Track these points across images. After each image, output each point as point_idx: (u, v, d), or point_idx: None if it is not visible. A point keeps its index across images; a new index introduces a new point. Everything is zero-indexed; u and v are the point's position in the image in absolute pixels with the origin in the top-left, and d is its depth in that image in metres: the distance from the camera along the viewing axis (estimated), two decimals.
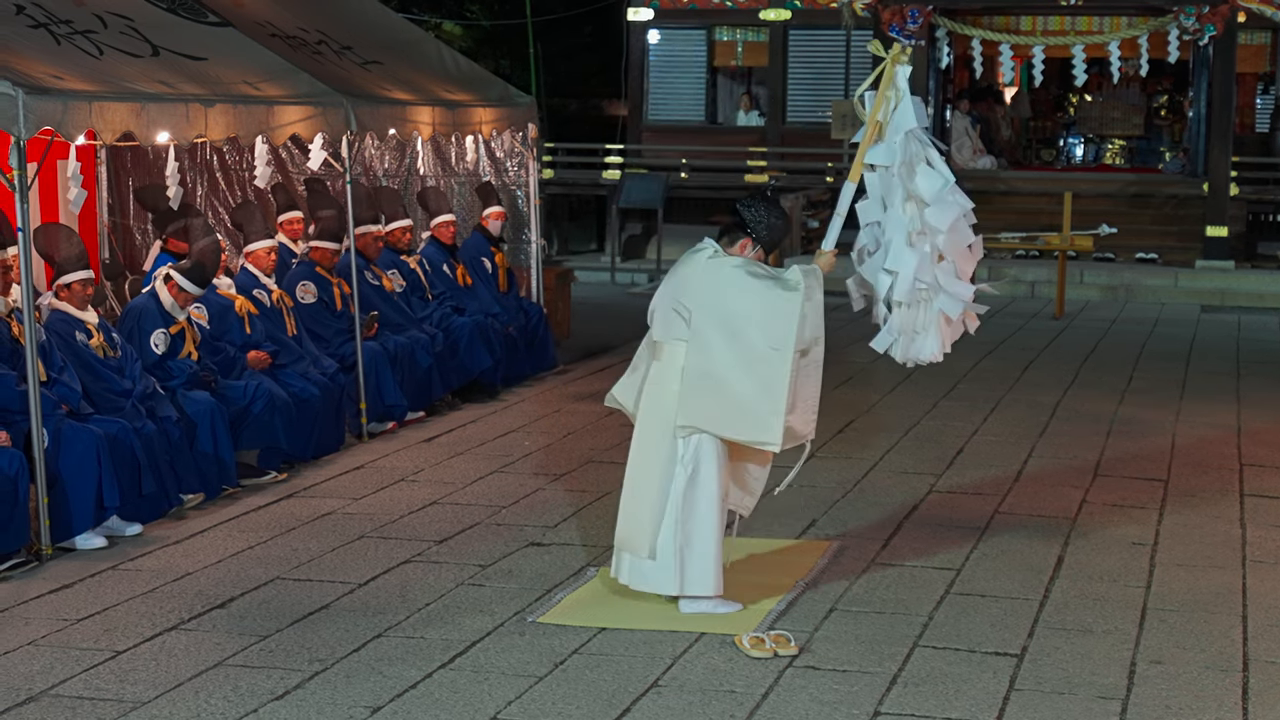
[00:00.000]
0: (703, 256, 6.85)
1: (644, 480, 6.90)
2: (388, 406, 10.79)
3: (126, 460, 8.10)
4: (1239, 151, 21.54)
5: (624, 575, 6.97)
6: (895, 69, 7.04)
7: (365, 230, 11.14)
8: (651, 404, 6.92)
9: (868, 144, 7.06)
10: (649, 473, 6.89)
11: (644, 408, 6.95)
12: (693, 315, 6.76)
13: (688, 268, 6.86)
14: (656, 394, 6.89)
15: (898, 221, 7.05)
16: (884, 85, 7.03)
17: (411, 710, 5.83)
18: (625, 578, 6.97)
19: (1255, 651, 6.54)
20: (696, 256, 6.88)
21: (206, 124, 8.97)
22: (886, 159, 7.05)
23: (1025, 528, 8.46)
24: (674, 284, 6.90)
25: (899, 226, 7.04)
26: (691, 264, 6.86)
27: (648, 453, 6.91)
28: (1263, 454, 10.35)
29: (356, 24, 12.04)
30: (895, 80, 7.05)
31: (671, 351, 6.86)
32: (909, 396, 12.31)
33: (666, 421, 6.83)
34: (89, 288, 8.58)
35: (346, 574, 7.53)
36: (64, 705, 5.83)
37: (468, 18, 31.07)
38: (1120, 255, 20.57)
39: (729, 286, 6.73)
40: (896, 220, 7.05)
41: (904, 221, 7.04)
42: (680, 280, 6.86)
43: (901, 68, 7.06)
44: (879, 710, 5.86)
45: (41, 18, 8.48)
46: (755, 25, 24.57)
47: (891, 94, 7.03)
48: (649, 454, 6.91)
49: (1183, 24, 20.00)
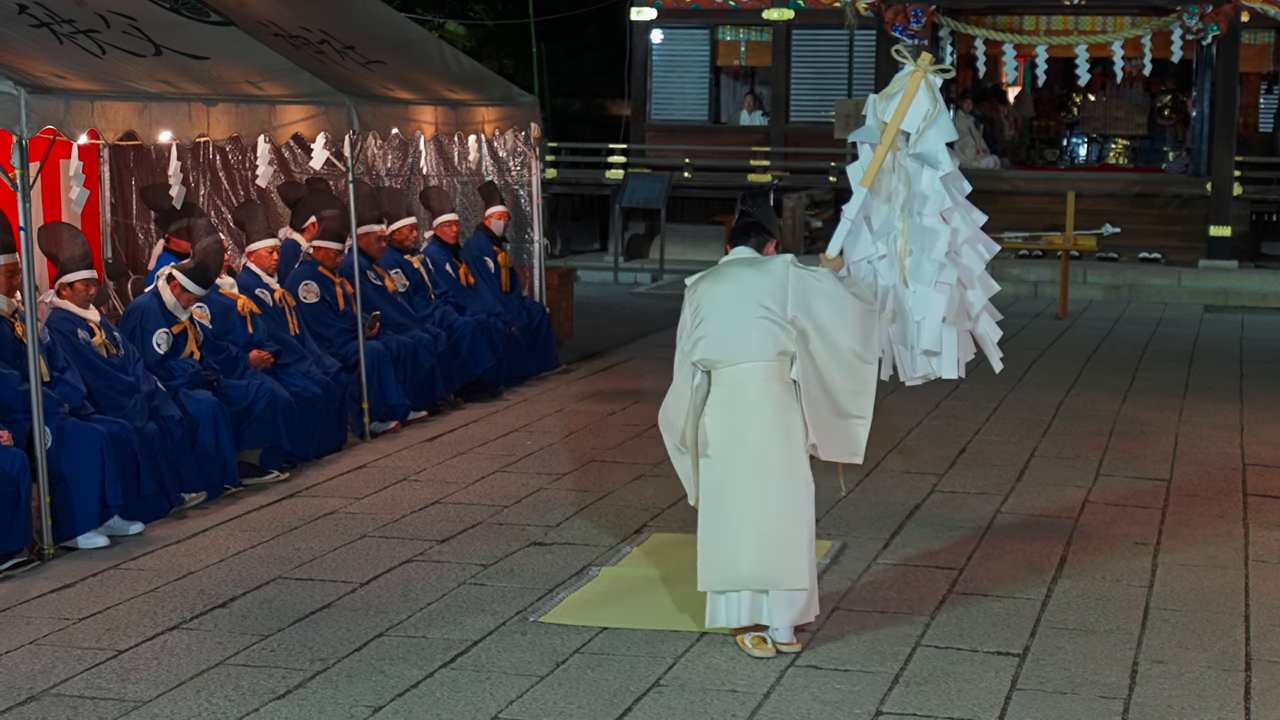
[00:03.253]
0: (779, 264, 6.40)
1: (790, 508, 6.39)
2: (390, 406, 10.79)
3: (128, 460, 8.10)
4: (1242, 151, 21.53)
5: (767, 616, 6.42)
6: (929, 78, 6.75)
7: (368, 230, 11.14)
8: (774, 427, 6.38)
9: (884, 151, 6.69)
10: (794, 499, 6.41)
11: (766, 433, 6.37)
12: (800, 328, 6.35)
13: (767, 278, 6.35)
14: (777, 415, 6.38)
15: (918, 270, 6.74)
16: (911, 94, 6.69)
17: (413, 709, 5.83)
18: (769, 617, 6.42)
19: (1258, 651, 6.53)
20: (771, 265, 6.39)
21: (209, 123, 8.97)
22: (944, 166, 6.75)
23: (1028, 527, 8.46)
24: (757, 295, 6.33)
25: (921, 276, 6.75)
26: (769, 273, 6.37)
27: (785, 479, 6.40)
28: (1265, 454, 10.34)
29: (359, 23, 12.04)
30: (934, 91, 6.77)
31: (778, 369, 6.38)
32: (911, 396, 12.26)
33: (796, 443, 6.43)
34: (92, 287, 8.59)
35: (348, 573, 7.53)
36: (65, 704, 5.83)
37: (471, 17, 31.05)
38: (1123, 255, 20.56)
39: (818, 296, 6.38)
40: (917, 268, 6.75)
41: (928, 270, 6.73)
42: (765, 292, 6.33)
43: (935, 78, 6.78)
44: (881, 709, 5.86)
45: (44, 17, 8.48)
46: (758, 25, 24.54)
47: (929, 105, 6.72)
48: (787, 480, 6.41)
49: (1186, 23, 19.99)
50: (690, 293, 6.54)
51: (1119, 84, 25.18)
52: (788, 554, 6.38)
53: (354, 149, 10.52)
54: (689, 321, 6.47)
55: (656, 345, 14.95)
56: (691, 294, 6.53)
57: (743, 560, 6.36)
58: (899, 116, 6.70)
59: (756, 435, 6.38)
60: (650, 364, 13.73)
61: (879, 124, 6.76)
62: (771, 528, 6.38)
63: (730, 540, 6.38)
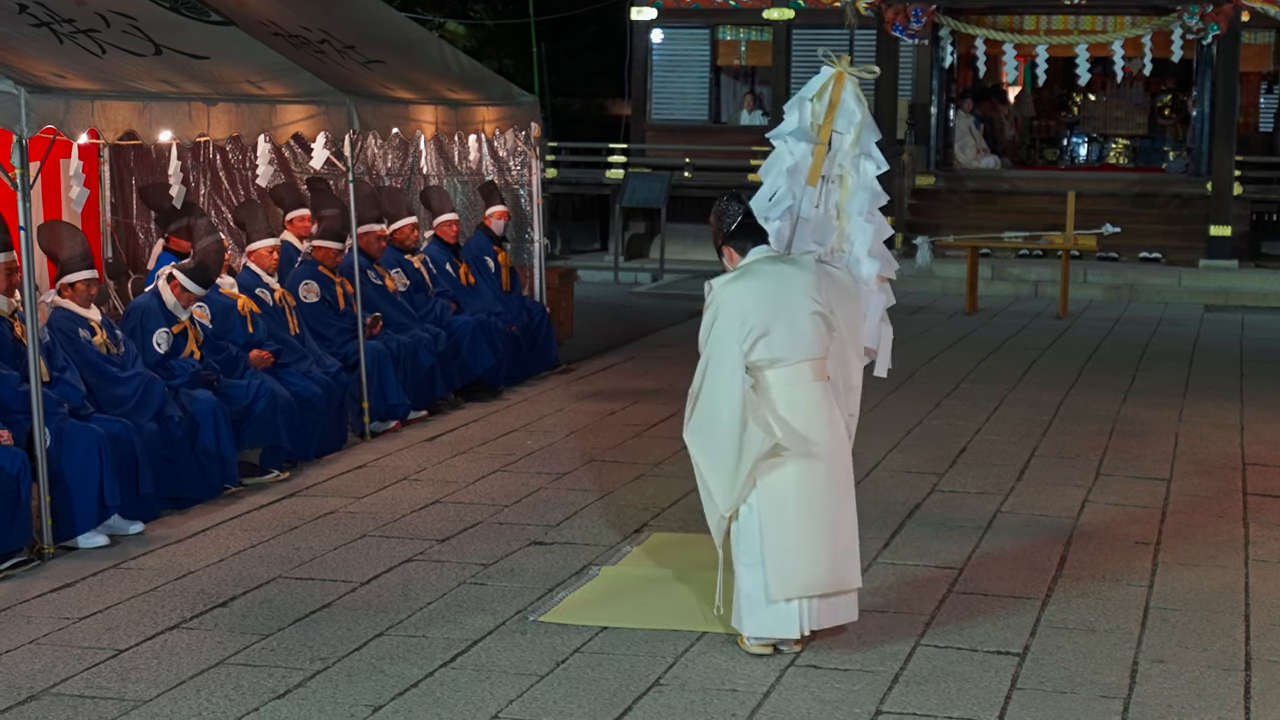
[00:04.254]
0: (808, 258, 6.46)
1: (853, 507, 6.45)
2: (390, 405, 10.79)
3: (128, 460, 8.10)
4: (1242, 151, 21.52)
5: (826, 619, 6.43)
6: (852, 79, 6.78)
7: (368, 229, 11.14)
8: (834, 425, 6.39)
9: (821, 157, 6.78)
10: (853, 498, 6.48)
11: (829, 431, 6.35)
12: (837, 324, 6.40)
13: (807, 272, 6.34)
14: (832, 411, 6.38)
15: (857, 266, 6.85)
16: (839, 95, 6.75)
17: (413, 709, 5.83)
18: (832, 619, 6.45)
19: (1258, 651, 6.53)
20: (803, 259, 6.43)
21: (209, 123, 8.97)
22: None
23: (1028, 527, 8.46)
24: (806, 289, 6.30)
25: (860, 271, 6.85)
26: (805, 267, 6.38)
27: (847, 478, 6.44)
28: (1266, 453, 10.34)
29: (359, 23, 12.04)
30: (859, 91, 6.81)
31: (824, 365, 6.36)
32: (911, 396, 12.30)
33: (845, 438, 6.48)
34: (93, 287, 8.59)
35: (348, 573, 7.53)
36: (65, 704, 5.83)
37: (471, 17, 31.06)
38: (1124, 255, 20.56)
39: (839, 290, 6.46)
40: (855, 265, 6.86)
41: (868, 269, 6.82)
42: (812, 285, 6.32)
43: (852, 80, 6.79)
44: (881, 709, 5.86)
45: (44, 16, 8.48)
46: (758, 25, 24.55)
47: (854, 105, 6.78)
48: (848, 479, 6.46)
49: (1186, 23, 19.99)
50: (723, 293, 6.30)
51: (1119, 84, 25.17)
52: (855, 554, 6.44)
53: (354, 149, 10.52)
54: (736, 323, 6.22)
55: (656, 345, 14.96)
56: (727, 295, 6.29)
57: (823, 564, 6.31)
58: (830, 116, 6.77)
59: (821, 434, 6.31)
60: (650, 364, 13.74)
61: (813, 125, 6.79)
62: (846, 528, 6.39)
63: (809, 544, 6.29)
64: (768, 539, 6.29)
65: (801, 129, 6.80)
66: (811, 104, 6.81)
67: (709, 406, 6.27)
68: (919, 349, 14.74)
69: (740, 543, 6.38)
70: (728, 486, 6.26)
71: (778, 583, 6.28)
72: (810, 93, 6.82)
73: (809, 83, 6.87)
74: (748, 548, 6.35)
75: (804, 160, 6.81)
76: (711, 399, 6.26)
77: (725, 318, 6.27)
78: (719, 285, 6.35)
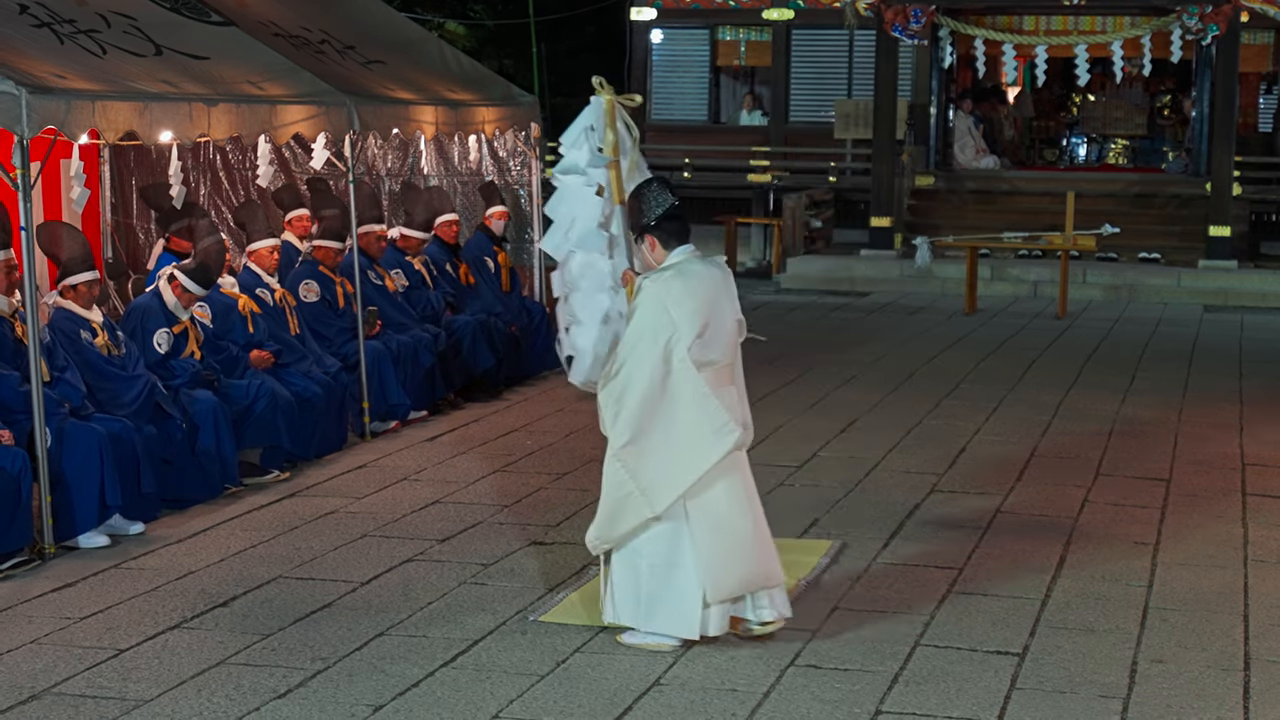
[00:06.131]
0: (723, 263, 6.60)
1: (759, 508, 6.59)
2: (390, 405, 10.80)
3: (128, 459, 8.11)
4: (1242, 151, 21.52)
5: (769, 611, 6.52)
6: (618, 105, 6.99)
7: (368, 229, 11.15)
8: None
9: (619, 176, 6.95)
10: (757, 500, 6.62)
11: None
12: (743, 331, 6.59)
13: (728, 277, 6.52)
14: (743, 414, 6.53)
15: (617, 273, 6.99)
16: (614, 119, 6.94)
17: (414, 708, 5.84)
18: (775, 611, 6.54)
19: (1257, 651, 6.54)
20: (721, 263, 6.58)
21: (209, 123, 8.98)
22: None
23: (1027, 527, 8.47)
24: (729, 294, 6.48)
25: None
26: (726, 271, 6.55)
27: (751, 482, 6.58)
28: (1265, 454, 10.35)
29: (359, 24, 12.05)
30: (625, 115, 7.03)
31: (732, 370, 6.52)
32: (911, 396, 12.31)
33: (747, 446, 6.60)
34: (94, 288, 8.60)
35: (349, 573, 7.54)
36: (66, 703, 5.84)
37: (471, 17, 31.07)
38: (1123, 255, 20.56)
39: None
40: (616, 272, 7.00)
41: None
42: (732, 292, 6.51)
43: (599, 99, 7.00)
44: (881, 709, 5.87)
45: (45, 17, 8.49)
46: (758, 25, 24.54)
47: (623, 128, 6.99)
48: (752, 483, 6.60)
49: (1186, 24, 19.98)
50: (665, 291, 6.29)
51: (1119, 84, 25.18)
52: (773, 549, 6.57)
53: (354, 149, 10.53)
54: (686, 321, 6.25)
55: None
56: (671, 293, 6.29)
57: (753, 562, 6.43)
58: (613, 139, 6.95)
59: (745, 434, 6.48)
60: None
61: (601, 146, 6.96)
62: (764, 527, 6.55)
63: (742, 545, 6.41)
64: (700, 541, 6.34)
65: (595, 156, 6.98)
66: (591, 132, 7.01)
67: (665, 404, 6.26)
68: (919, 349, 14.75)
69: (651, 543, 6.40)
70: (679, 484, 6.29)
71: (715, 587, 6.36)
72: (589, 122, 7.00)
73: (584, 113, 7.04)
74: (656, 549, 6.39)
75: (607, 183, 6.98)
76: (672, 396, 6.26)
77: (676, 311, 6.26)
78: (659, 282, 6.33)
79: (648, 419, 6.29)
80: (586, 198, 7.01)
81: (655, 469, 6.31)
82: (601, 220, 6.97)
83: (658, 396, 6.27)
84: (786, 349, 14.68)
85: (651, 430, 6.30)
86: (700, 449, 6.27)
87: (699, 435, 6.27)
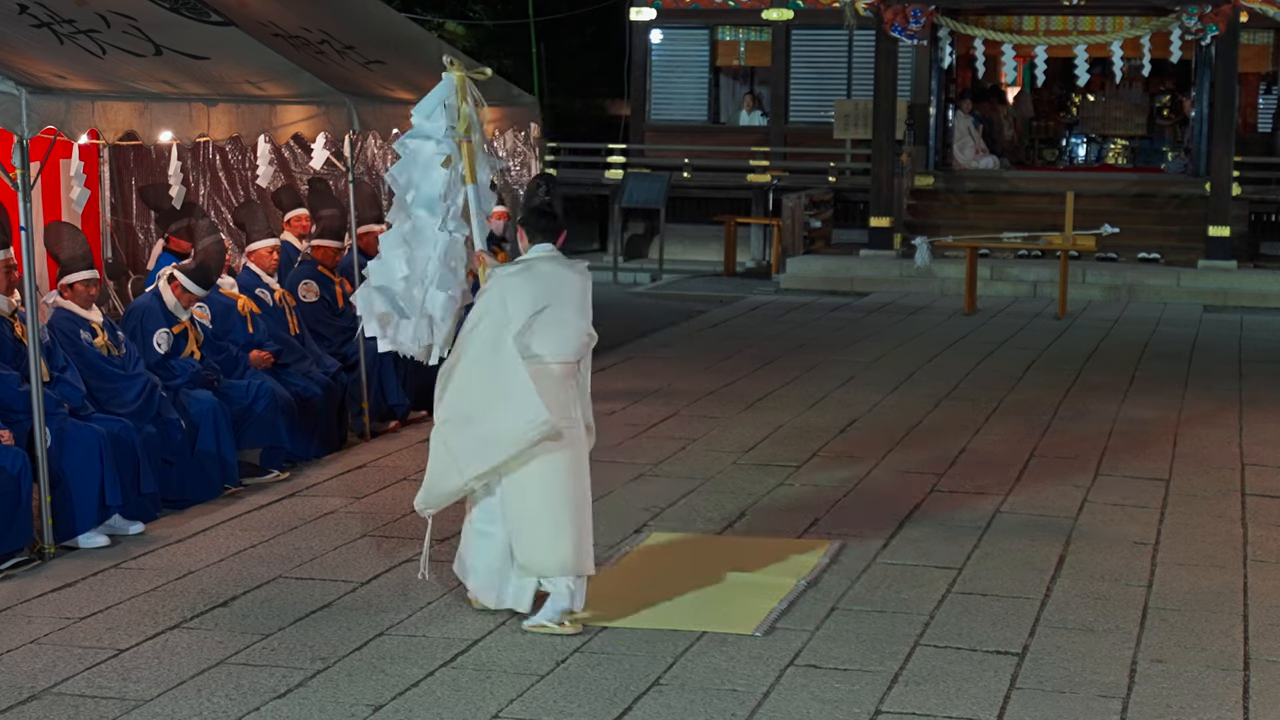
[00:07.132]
0: (582, 267, 6.80)
1: (586, 498, 6.83)
2: (390, 405, 10.80)
3: (128, 460, 8.11)
4: (1241, 151, 21.53)
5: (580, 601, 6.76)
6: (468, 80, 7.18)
7: (368, 229, 11.14)
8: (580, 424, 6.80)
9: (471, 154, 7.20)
10: (586, 493, 6.84)
11: (576, 429, 6.75)
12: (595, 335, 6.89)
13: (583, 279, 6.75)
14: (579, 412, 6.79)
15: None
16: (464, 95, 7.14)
17: (413, 708, 5.84)
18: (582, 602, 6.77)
19: (1256, 650, 6.54)
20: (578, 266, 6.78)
21: (209, 123, 8.98)
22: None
23: (1027, 527, 8.47)
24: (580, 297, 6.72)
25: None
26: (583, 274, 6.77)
27: (578, 473, 6.79)
28: (1264, 454, 10.35)
29: (359, 24, 12.05)
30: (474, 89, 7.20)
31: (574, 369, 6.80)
32: (911, 396, 12.31)
33: (584, 439, 6.84)
34: (94, 287, 8.60)
35: (348, 572, 7.54)
36: (66, 703, 5.84)
37: (470, 17, 31.07)
38: (1122, 255, 20.56)
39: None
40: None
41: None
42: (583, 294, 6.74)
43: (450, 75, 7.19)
44: (880, 709, 5.87)
45: (44, 17, 8.49)
46: (758, 25, 24.55)
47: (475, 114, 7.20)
48: (587, 476, 6.85)
49: (1185, 24, 19.99)
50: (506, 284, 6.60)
51: (1118, 84, 25.16)
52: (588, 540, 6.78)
53: (354, 149, 10.53)
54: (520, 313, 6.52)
55: (656, 345, 14.97)
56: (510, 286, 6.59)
57: (568, 547, 6.65)
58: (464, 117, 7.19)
59: (571, 430, 6.69)
60: (649, 364, 13.75)
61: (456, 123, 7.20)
62: (585, 521, 6.77)
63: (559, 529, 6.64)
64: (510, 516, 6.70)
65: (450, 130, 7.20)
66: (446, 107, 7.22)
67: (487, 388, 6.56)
68: (918, 349, 14.75)
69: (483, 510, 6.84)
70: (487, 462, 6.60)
71: (528, 558, 6.68)
72: (444, 96, 7.21)
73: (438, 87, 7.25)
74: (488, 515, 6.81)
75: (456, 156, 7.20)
76: (494, 382, 6.55)
77: (512, 305, 6.54)
78: (504, 276, 6.66)
79: (467, 400, 6.63)
80: (432, 167, 7.25)
81: (468, 446, 6.64)
82: (443, 191, 7.18)
83: (482, 380, 6.59)
84: (786, 349, 14.68)
85: (469, 410, 6.62)
86: (509, 435, 6.54)
87: (510, 423, 6.52)
